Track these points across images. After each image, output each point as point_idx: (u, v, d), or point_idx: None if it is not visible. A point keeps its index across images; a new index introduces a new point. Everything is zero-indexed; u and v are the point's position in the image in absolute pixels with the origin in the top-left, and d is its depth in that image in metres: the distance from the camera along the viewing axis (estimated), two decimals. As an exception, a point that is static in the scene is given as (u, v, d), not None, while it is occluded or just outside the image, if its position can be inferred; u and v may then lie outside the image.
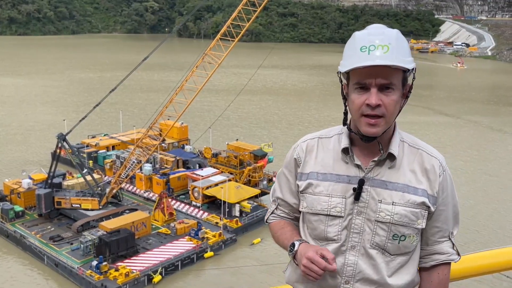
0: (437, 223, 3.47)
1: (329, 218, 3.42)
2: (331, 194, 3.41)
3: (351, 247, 3.39)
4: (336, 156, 3.47)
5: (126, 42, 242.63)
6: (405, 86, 3.31)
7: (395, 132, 3.41)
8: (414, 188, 3.34)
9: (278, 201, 3.82)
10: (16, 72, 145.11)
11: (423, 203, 3.33)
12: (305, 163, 3.57)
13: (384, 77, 3.13)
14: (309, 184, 3.50)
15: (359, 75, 3.17)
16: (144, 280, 41.46)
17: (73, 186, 55.51)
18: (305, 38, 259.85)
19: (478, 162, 74.15)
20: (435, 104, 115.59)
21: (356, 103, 3.22)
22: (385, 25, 3.35)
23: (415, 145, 3.46)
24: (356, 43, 3.20)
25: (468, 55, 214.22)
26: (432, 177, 3.37)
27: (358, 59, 3.13)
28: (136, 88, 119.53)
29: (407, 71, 3.21)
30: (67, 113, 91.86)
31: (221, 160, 64.69)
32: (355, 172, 3.38)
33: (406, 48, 3.21)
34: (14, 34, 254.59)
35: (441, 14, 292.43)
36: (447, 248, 3.54)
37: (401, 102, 3.29)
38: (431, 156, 3.41)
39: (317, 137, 3.63)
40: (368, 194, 3.34)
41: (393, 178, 3.34)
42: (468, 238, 47.55)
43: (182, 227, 49.05)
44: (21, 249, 46.74)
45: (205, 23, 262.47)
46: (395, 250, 3.39)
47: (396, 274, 3.43)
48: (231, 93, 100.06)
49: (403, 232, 3.34)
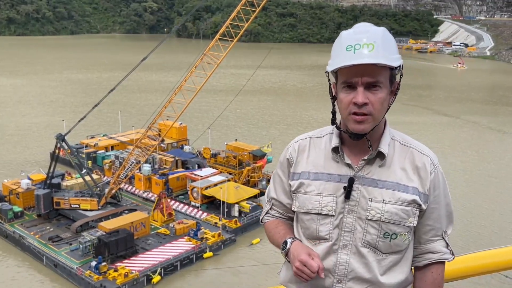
0: (429, 221, 3.46)
1: (321, 217, 3.43)
2: (322, 193, 3.42)
3: (343, 245, 3.39)
4: (327, 156, 3.48)
5: (125, 42, 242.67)
6: (393, 84, 3.31)
7: (385, 130, 3.41)
8: (405, 186, 3.33)
9: (273, 201, 3.84)
10: (15, 72, 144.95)
11: (414, 201, 3.32)
12: (297, 163, 3.59)
13: (370, 76, 3.14)
14: (300, 184, 3.52)
15: (346, 74, 3.19)
16: (143, 281, 41.43)
17: (72, 187, 55.43)
18: (304, 38, 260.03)
19: (477, 162, 74.16)
20: (434, 104, 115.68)
21: (344, 102, 3.24)
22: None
23: (406, 143, 3.45)
24: (342, 42, 3.23)
25: (466, 55, 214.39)
26: (423, 174, 3.36)
27: (344, 58, 3.15)
28: (135, 89, 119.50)
29: (394, 68, 3.22)
30: (66, 113, 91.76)
31: (220, 160, 64.64)
32: (346, 171, 3.39)
33: (393, 45, 3.21)
34: (13, 34, 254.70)
35: (440, 14, 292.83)
36: (440, 247, 3.52)
37: (389, 100, 3.29)
38: (422, 154, 3.40)
39: (309, 137, 3.65)
40: (359, 193, 3.34)
41: (384, 176, 3.34)
42: (469, 238, 47.58)
43: (181, 227, 49.02)
44: (20, 250, 46.67)
45: (204, 23, 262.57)
46: (386, 249, 3.38)
47: (389, 272, 3.42)
48: (230, 93, 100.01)
49: (394, 230, 3.33)
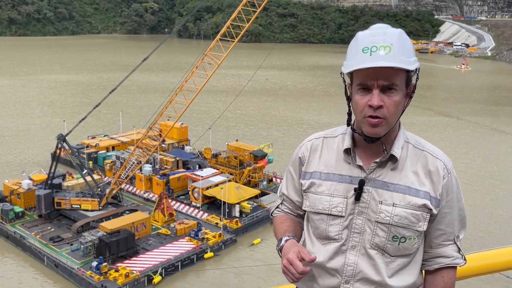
0: (440, 226, 3.43)
1: (331, 217, 3.44)
2: (332, 193, 3.43)
3: (352, 246, 3.40)
4: (339, 156, 3.48)
5: (126, 42, 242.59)
6: (409, 86, 3.28)
7: (399, 132, 3.38)
8: (416, 190, 3.31)
9: (283, 197, 3.89)
10: (15, 73, 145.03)
11: (425, 205, 3.30)
12: (309, 162, 3.60)
13: (386, 78, 3.12)
14: (312, 183, 3.53)
15: (362, 76, 3.16)
16: (144, 281, 41.46)
17: (73, 187, 55.44)
18: (304, 39, 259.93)
19: (478, 163, 74.06)
20: (436, 105, 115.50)
21: (359, 104, 3.21)
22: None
23: (419, 146, 3.42)
24: (359, 44, 3.18)
25: (468, 56, 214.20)
26: (436, 179, 3.33)
27: (360, 60, 3.11)
28: (135, 89, 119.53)
29: (410, 71, 3.18)
30: (66, 114, 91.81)
31: (221, 160, 64.63)
32: (357, 172, 3.38)
33: (410, 48, 3.18)
34: (14, 35, 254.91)
35: (441, 15, 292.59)
36: (452, 252, 3.49)
37: (404, 103, 3.26)
38: (435, 158, 3.38)
39: (322, 136, 3.65)
40: (369, 195, 3.33)
41: (395, 179, 3.33)
42: (470, 239, 47.59)
43: (182, 227, 49.02)
44: (21, 250, 46.71)
45: (205, 24, 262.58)
46: (395, 252, 3.37)
47: (397, 275, 3.41)
48: (230, 94, 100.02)
49: (403, 233, 3.32)
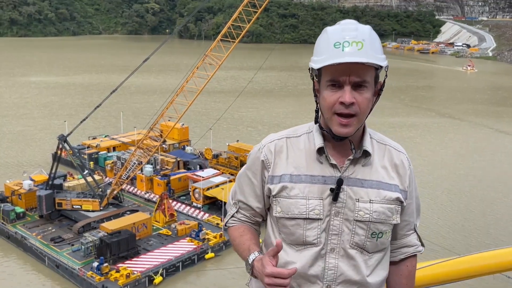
0: (405, 217, 3.48)
1: (307, 221, 3.26)
2: (307, 196, 3.26)
3: (331, 249, 3.29)
4: (308, 156, 3.33)
5: (127, 43, 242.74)
6: (377, 84, 3.24)
7: (365, 129, 3.36)
8: (387, 184, 3.33)
9: (240, 204, 3.59)
10: (15, 73, 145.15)
11: (397, 199, 3.34)
12: (275, 165, 3.37)
13: (358, 75, 3.05)
14: (283, 187, 3.30)
15: (333, 72, 3.07)
16: (145, 281, 41.44)
17: (74, 187, 55.46)
18: (305, 39, 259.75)
19: (480, 163, 73.97)
20: (437, 106, 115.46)
21: (329, 101, 3.13)
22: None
23: (382, 141, 3.44)
24: (330, 38, 3.08)
25: (469, 56, 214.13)
26: (402, 172, 3.39)
27: (332, 56, 3.02)
28: (136, 90, 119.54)
29: (379, 68, 3.15)
30: (67, 114, 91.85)
31: (222, 161, 64.65)
32: (330, 172, 3.27)
33: (379, 45, 3.13)
34: (15, 35, 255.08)
35: (442, 15, 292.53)
36: (414, 240, 3.58)
37: (373, 100, 3.22)
38: (399, 152, 3.44)
39: (284, 136, 3.47)
40: (346, 194, 3.25)
41: (368, 175, 3.30)
42: (471, 240, 47.52)
43: (183, 228, 49.02)
44: (22, 251, 46.71)
45: (206, 24, 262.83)
46: (373, 248, 3.36)
47: (374, 271, 3.40)
48: (231, 94, 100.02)
49: (380, 229, 3.31)
